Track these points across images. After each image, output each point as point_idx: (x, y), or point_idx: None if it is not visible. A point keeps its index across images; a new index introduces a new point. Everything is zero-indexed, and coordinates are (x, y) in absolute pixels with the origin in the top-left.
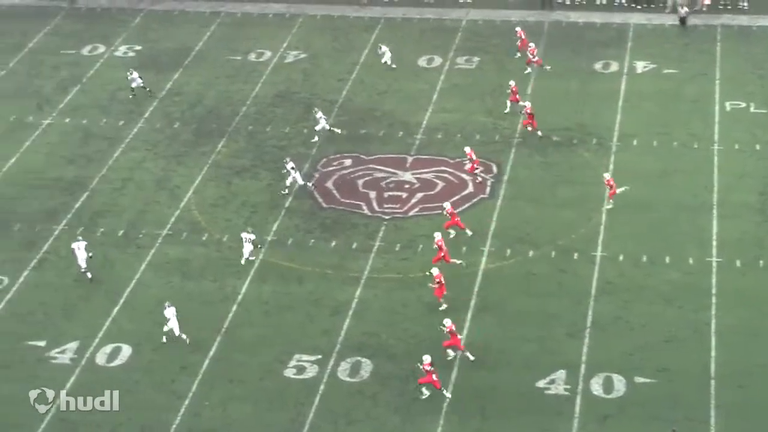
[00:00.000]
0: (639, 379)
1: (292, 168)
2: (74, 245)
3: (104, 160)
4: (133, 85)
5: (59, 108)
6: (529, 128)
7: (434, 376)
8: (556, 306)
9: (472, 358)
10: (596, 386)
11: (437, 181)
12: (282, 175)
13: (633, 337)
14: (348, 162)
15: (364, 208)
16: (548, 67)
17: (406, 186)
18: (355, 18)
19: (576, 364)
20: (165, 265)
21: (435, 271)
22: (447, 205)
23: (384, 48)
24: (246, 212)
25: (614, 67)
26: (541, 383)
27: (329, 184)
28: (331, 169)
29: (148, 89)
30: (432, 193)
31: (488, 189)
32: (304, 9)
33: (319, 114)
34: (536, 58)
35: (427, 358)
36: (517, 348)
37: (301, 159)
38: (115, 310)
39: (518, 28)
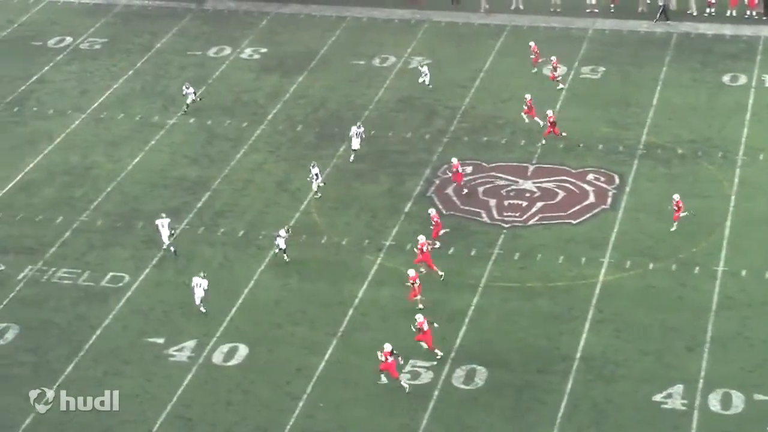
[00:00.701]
0: (758, 396)
1: (316, 174)
2: (158, 222)
3: (227, 161)
4: (188, 101)
5: (184, 108)
6: (558, 134)
7: (399, 360)
8: (676, 320)
9: (439, 354)
10: (714, 402)
11: (558, 190)
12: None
13: (753, 354)
14: (469, 169)
15: (484, 215)
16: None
17: (527, 195)
18: (480, 25)
19: (694, 379)
20: (283, 267)
21: (411, 272)
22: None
23: (425, 69)
24: (366, 216)
25: (743, 80)
26: (658, 397)
27: (449, 191)
28: (451, 176)
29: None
30: (552, 202)
31: (609, 200)
32: (429, 15)
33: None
34: (553, 72)
35: (387, 347)
36: (634, 361)
37: (422, 165)
38: (233, 310)
39: (532, 43)
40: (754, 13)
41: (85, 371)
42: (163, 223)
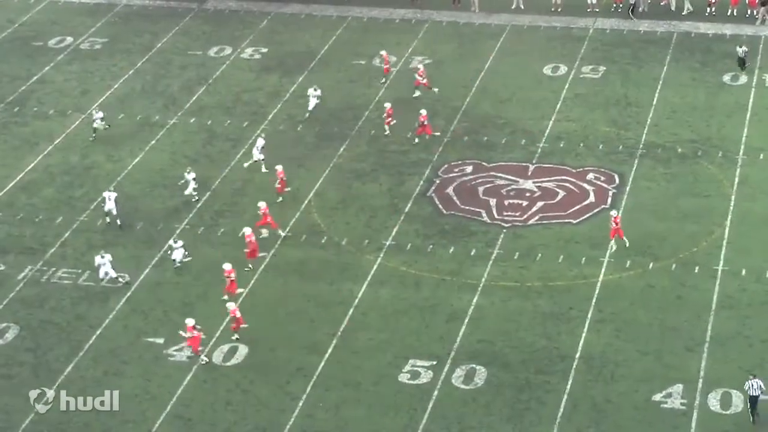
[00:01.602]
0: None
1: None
2: (106, 194)
3: (227, 161)
4: (95, 125)
5: (185, 108)
6: (426, 136)
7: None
8: (675, 319)
9: (235, 337)
10: (713, 402)
11: (558, 190)
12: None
13: (752, 353)
14: (469, 169)
15: (484, 215)
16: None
17: (527, 194)
18: (480, 25)
19: (693, 379)
20: (283, 267)
21: (227, 266)
22: (262, 204)
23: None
24: (365, 216)
25: (743, 79)
26: (657, 397)
27: (449, 191)
28: (452, 175)
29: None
30: (553, 202)
31: (610, 199)
32: (430, 15)
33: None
34: (424, 80)
35: (190, 321)
36: (634, 361)
37: (422, 165)
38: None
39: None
40: (755, 12)
41: (85, 371)
42: (110, 196)
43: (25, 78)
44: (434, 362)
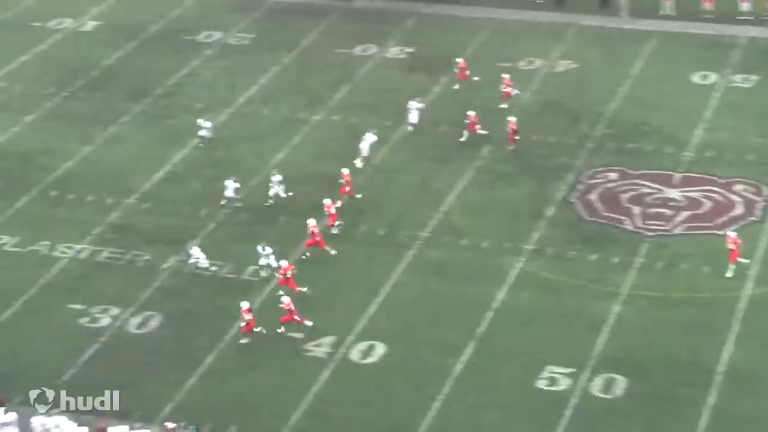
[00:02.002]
0: None
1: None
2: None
3: (370, 160)
4: (201, 132)
5: (329, 105)
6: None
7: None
8: None
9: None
10: None
11: (705, 200)
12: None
13: None
14: (613, 176)
15: (627, 223)
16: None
17: (672, 203)
18: (628, 30)
19: None
20: (423, 267)
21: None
22: (312, 221)
23: (413, 105)
24: (506, 219)
25: None
26: None
27: (593, 197)
28: (595, 181)
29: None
30: (699, 212)
31: (758, 211)
32: (577, 19)
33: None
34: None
35: (244, 305)
36: None
37: (565, 170)
38: (373, 308)
39: (459, 59)
40: None
41: (226, 362)
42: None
43: (174, 71)
44: (573, 370)
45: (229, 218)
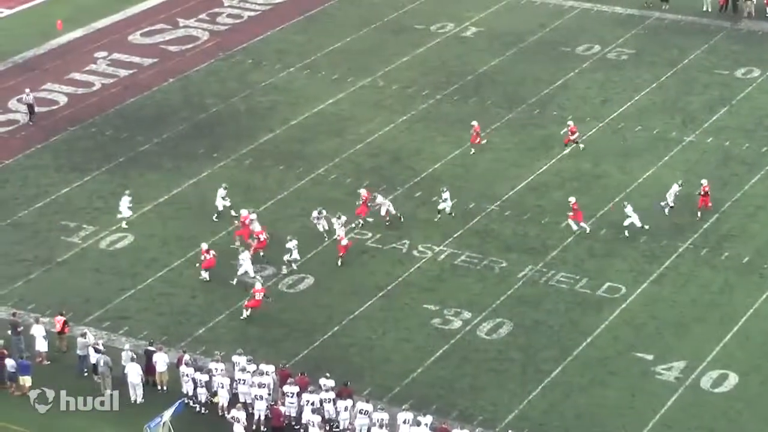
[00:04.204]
0: None
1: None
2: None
3: (740, 185)
4: (217, 202)
5: (703, 127)
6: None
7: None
8: None
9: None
10: None
11: None
12: None
13: None
14: None
15: None
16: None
17: None
18: None
19: None
20: None
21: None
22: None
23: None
24: None
25: None
26: None
27: None
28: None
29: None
30: None
31: None
32: None
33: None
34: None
35: (258, 285)
36: None
37: None
38: (728, 336)
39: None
40: None
41: (571, 377)
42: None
43: (548, 81)
44: None
45: (588, 233)
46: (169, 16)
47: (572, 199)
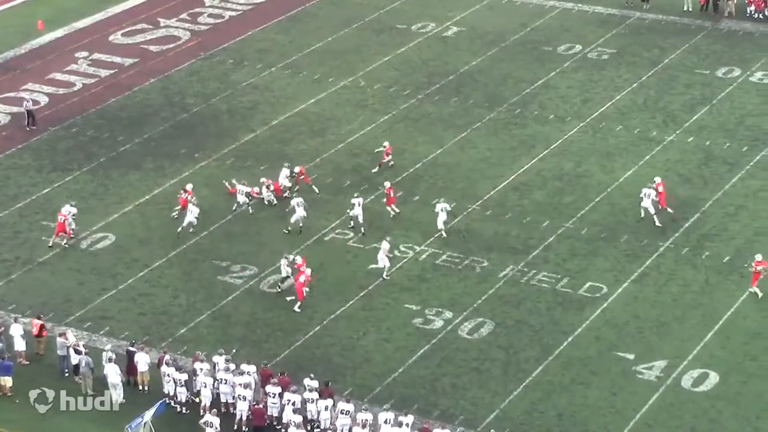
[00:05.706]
0: None
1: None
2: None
3: (721, 184)
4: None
5: (684, 126)
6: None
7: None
8: None
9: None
10: None
11: None
12: None
13: None
14: None
15: None
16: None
17: None
18: None
19: None
20: (765, 297)
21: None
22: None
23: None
24: None
25: None
26: None
27: None
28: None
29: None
30: None
31: None
32: None
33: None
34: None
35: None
36: None
37: None
38: (709, 335)
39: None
40: None
41: (552, 376)
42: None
43: (530, 81)
44: None
45: (569, 232)
46: (150, 16)
47: (657, 179)
